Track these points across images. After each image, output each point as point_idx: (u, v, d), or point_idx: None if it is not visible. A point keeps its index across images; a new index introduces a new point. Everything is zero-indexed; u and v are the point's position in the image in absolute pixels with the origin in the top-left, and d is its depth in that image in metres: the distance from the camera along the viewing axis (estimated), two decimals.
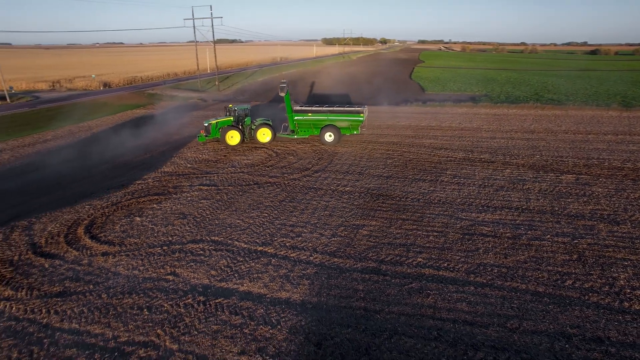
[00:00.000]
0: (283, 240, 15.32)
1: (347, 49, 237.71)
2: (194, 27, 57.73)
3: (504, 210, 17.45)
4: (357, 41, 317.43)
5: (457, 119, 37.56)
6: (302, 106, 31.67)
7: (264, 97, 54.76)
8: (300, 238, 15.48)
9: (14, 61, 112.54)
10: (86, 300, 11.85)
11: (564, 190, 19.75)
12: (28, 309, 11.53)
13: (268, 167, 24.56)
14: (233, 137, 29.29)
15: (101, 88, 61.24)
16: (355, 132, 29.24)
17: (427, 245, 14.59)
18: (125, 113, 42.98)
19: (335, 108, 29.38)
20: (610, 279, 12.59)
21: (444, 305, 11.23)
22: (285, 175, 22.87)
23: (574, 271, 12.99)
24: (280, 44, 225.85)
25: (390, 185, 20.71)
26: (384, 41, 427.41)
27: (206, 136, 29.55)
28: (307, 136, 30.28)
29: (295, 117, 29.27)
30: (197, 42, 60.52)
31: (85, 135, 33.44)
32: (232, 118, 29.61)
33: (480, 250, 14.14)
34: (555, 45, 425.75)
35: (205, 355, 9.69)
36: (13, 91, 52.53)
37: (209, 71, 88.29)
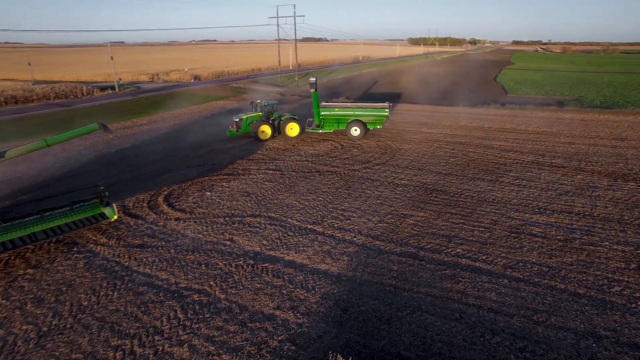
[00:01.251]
0: (332, 222, 16.44)
1: (432, 49, 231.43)
2: (277, 25, 60.95)
3: (562, 214, 16.82)
4: (444, 41, 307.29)
5: (536, 122, 35.64)
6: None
7: (339, 94, 56.14)
8: (348, 221, 16.48)
9: (125, 57, 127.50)
10: (158, 253, 14.10)
11: None
12: (115, 253, 14.07)
13: (332, 157, 25.80)
14: (264, 132, 30.37)
15: (192, 80, 67.27)
16: (378, 127, 30.68)
17: (470, 238, 14.76)
18: (210, 104, 47.08)
19: (361, 103, 30.90)
20: None
21: (472, 293, 11.55)
22: (347, 165, 23.93)
23: (626, 279, 12.42)
24: (363, 43, 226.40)
25: (447, 182, 20.81)
26: (473, 42, 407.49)
27: (237, 131, 30.49)
28: (331, 130, 31.37)
29: (322, 112, 30.45)
30: (279, 39, 63.74)
31: (174, 121, 37.50)
32: (260, 113, 30.84)
33: (525, 249, 14.01)
34: None
35: (246, 306, 11.18)
36: (121, 82, 60.03)
37: (291, 67, 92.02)
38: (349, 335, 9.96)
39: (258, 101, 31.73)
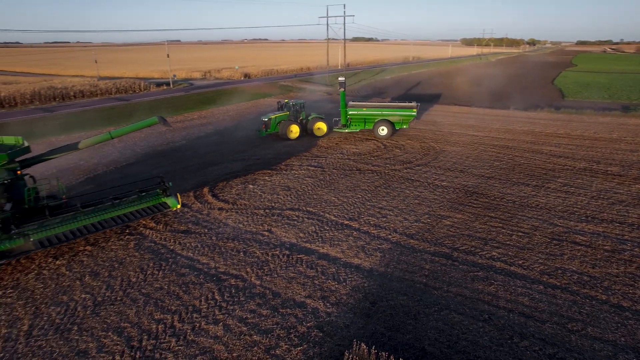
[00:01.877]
0: (369, 219, 16.68)
1: (486, 50, 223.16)
2: (327, 25, 61.63)
3: (613, 224, 15.99)
4: (499, 42, 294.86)
5: (594, 128, 33.69)
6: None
7: (383, 94, 55.85)
8: (384, 219, 16.65)
9: (180, 55, 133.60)
10: (201, 239, 15.01)
11: None
12: (162, 237, 15.15)
13: (374, 157, 25.94)
14: (292, 131, 30.17)
15: (242, 78, 69.48)
16: (404, 127, 31.00)
17: (507, 242, 14.46)
18: (258, 101, 48.52)
19: (388, 103, 31.24)
20: None
21: (504, 296, 11.39)
22: (388, 165, 23.99)
23: None
24: (414, 43, 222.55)
25: (489, 185, 20.35)
26: (532, 42, 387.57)
27: (266, 131, 30.13)
28: (357, 130, 31.55)
29: (350, 112, 30.65)
30: (328, 39, 64.36)
31: (223, 117, 39.11)
32: (287, 113, 30.70)
33: (565, 257, 13.53)
34: None
35: (279, 293, 11.72)
36: (175, 79, 63.15)
37: (339, 67, 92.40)
38: (375, 327, 10.21)
39: (285, 100, 31.77)
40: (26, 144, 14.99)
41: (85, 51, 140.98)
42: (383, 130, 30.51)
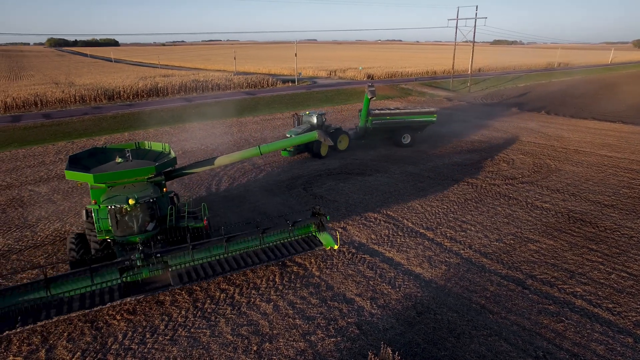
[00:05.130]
0: (446, 231, 16.13)
1: None
2: (456, 27, 59.02)
3: None
4: None
5: None
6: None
7: (508, 106, 51.39)
8: (463, 233, 15.91)
9: (313, 53, 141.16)
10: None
11: None
12: None
13: (476, 168, 24.58)
14: (324, 147, 26.81)
15: (364, 79, 70.65)
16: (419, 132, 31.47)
17: (601, 281, 12.61)
18: (374, 102, 48.94)
19: (409, 110, 31.07)
20: None
21: (572, 337, 10.11)
22: (487, 179, 22.54)
23: None
24: (563, 47, 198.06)
25: (603, 215, 17.75)
26: None
27: (293, 149, 26.39)
28: (377, 138, 30.59)
29: (374, 121, 29.56)
30: (456, 42, 61.67)
31: (335, 116, 40.72)
32: (310, 127, 27.08)
33: None
34: None
35: (333, 286, 12.29)
36: (301, 76, 67.27)
37: (469, 72, 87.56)
38: (413, 337, 10.09)
39: (307, 112, 28.68)
40: (173, 153, 14.16)
41: (231, 49, 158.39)
42: (405, 138, 30.18)
